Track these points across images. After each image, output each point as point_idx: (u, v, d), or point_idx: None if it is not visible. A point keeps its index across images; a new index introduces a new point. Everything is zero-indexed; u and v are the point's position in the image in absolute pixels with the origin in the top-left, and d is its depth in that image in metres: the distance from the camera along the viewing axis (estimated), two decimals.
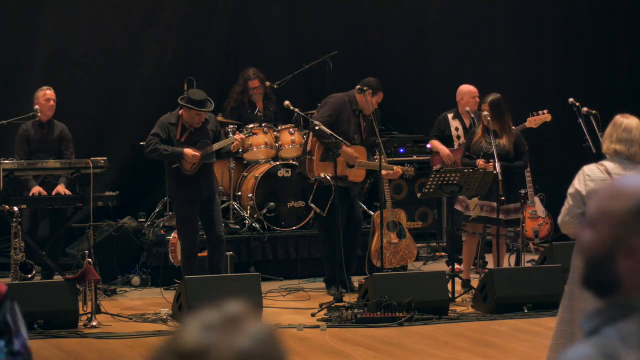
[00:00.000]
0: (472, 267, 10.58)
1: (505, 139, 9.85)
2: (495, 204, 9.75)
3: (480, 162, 9.77)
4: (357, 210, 10.32)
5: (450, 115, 10.99)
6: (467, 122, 10.82)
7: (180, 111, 9.50)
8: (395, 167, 10.11)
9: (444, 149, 10.92)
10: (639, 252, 2.11)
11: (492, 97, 9.90)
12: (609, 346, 2.02)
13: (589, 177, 5.89)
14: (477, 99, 10.75)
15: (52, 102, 10.22)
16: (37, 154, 10.18)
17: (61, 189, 10.06)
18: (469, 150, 10.05)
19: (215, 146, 9.56)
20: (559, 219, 5.96)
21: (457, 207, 10.06)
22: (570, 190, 5.92)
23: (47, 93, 10.22)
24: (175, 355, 1.65)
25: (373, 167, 10.06)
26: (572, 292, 5.89)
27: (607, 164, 5.97)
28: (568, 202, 5.90)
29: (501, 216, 9.75)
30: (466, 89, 10.87)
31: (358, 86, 9.98)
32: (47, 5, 11.86)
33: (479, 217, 9.95)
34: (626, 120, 6.04)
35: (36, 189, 10.00)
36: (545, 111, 10.84)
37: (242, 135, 9.96)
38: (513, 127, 10.06)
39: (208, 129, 9.60)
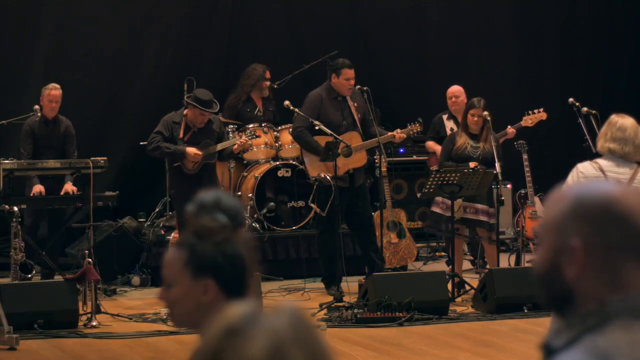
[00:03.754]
0: (471, 267, 10.56)
1: (488, 143, 9.78)
2: (479, 206, 9.72)
3: (473, 165, 9.67)
4: (366, 210, 10.11)
5: (445, 117, 10.97)
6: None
7: (185, 111, 9.53)
8: (395, 133, 9.95)
9: (439, 149, 10.90)
10: (580, 251, 1.96)
11: (481, 100, 9.82)
12: (601, 348, 1.86)
13: (582, 174, 5.90)
14: (456, 100, 10.71)
15: (54, 104, 10.17)
16: (41, 150, 10.14)
17: (69, 187, 10.03)
18: (449, 158, 9.89)
19: (219, 146, 9.59)
20: None
21: (436, 209, 9.87)
22: (563, 187, 5.91)
23: (51, 93, 10.15)
24: None
25: (370, 145, 9.94)
26: None
27: (601, 161, 5.99)
28: None
29: (485, 219, 9.71)
30: (450, 90, 10.88)
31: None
32: (47, 5, 11.86)
33: (462, 219, 9.84)
34: (621, 120, 6.05)
35: (37, 188, 9.98)
36: (540, 109, 10.81)
37: (245, 138, 9.97)
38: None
39: (212, 129, 9.62)
